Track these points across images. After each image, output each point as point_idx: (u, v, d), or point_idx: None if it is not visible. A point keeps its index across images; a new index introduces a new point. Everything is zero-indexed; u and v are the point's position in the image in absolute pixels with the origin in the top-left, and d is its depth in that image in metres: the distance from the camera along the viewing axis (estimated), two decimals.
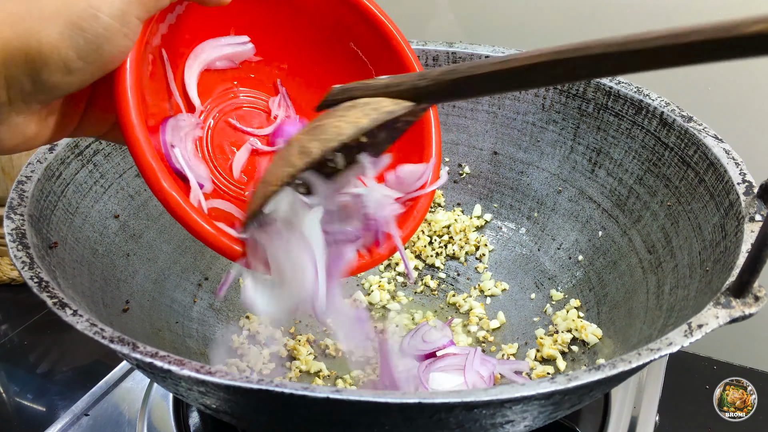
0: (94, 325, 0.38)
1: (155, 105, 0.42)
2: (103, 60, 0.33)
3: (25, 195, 0.49)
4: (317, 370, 0.59)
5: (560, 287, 0.66)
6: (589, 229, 0.65)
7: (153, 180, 0.36)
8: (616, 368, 0.36)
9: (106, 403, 0.58)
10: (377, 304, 0.67)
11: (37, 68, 0.32)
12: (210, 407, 0.42)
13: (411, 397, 0.33)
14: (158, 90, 0.42)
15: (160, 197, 0.36)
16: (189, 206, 0.37)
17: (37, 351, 0.73)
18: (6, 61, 0.31)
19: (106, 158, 0.58)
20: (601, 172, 0.64)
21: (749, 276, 0.38)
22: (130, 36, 0.34)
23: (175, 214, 0.36)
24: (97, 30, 0.32)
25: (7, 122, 0.34)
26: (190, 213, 0.37)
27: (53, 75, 0.32)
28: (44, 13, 0.31)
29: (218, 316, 0.64)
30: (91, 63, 0.33)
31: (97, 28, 0.32)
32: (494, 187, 0.72)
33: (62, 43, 0.31)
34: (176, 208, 0.36)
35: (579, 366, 0.58)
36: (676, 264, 0.53)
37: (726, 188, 0.50)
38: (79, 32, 0.32)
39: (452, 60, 0.69)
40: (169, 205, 0.36)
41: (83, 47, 0.32)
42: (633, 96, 0.61)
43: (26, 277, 0.41)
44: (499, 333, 0.64)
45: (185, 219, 0.37)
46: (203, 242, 0.38)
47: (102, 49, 0.33)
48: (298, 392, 0.33)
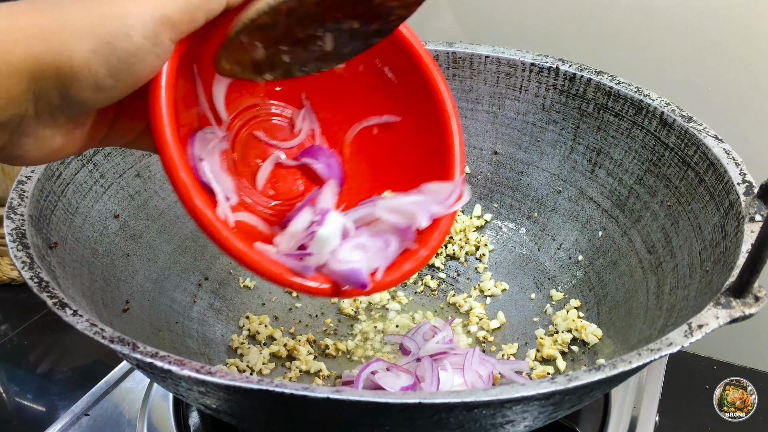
0: (94, 325, 0.38)
1: (184, 117, 0.42)
2: (134, 79, 0.33)
3: (25, 195, 0.49)
4: (317, 370, 0.59)
5: (560, 287, 0.66)
6: (589, 229, 0.65)
7: (189, 202, 0.35)
8: (616, 368, 0.36)
9: (106, 403, 0.58)
10: (377, 304, 0.67)
11: (66, 84, 0.31)
12: (210, 407, 0.42)
13: (411, 397, 0.33)
14: (187, 102, 0.42)
15: (199, 222, 0.36)
16: (228, 232, 0.37)
17: (37, 351, 0.73)
18: (36, 75, 0.31)
19: (106, 158, 0.58)
20: (601, 172, 0.64)
21: (749, 276, 0.38)
22: (162, 56, 0.34)
23: (212, 237, 0.36)
24: (129, 49, 0.32)
25: (34, 135, 0.34)
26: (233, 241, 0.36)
27: (83, 91, 0.32)
28: (77, 29, 0.31)
29: (218, 316, 0.64)
30: (122, 81, 0.33)
31: (129, 47, 0.32)
32: (494, 187, 0.72)
33: (94, 61, 0.31)
34: (214, 233, 0.36)
35: (579, 366, 0.58)
36: (676, 264, 0.53)
37: (726, 188, 0.50)
38: (111, 50, 0.31)
39: (452, 60, 0.69)
40: (205, 229, 0.36)
41: (114, 65, 0.32)
42: (633, 96, 0.61)
43: (26, 277, 0.41)
44: (499, 333, 0.64)
45: (225, 244, 0.36)
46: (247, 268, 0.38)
47: (133, 68, 0.33)
48: (298, 392, 0.33)
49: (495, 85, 0.69)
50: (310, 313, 0.67)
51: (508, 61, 0.68)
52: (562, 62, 0.65)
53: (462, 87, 0.70)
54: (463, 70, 0.69)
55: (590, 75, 0.64)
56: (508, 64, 0.68)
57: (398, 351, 0.62)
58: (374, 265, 0.41)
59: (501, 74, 0.68)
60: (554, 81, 0.66)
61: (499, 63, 0.68)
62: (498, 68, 0.68)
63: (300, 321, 0.66)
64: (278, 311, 0.66)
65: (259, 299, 0.67)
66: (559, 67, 0.65)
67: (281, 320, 0.66)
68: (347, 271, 0.40)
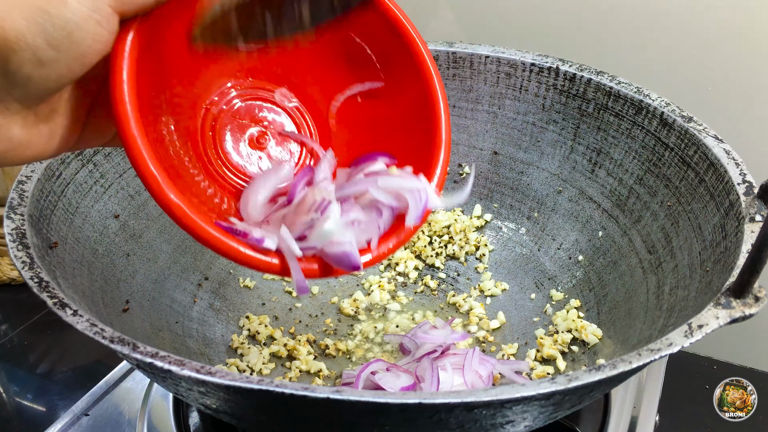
0: (94, 325, 0.38)
1: (154, 103, 0.42)
2: (77, 50, 0.32)
3: (25, 195, 0.49)
4: (317, 370, 0.59)
5: (560, 287, 0.66)
6: (589, 229, 0.65)
7: (156, 189, 0.35)
8: (616, 368, 0.36)
9: (106, 403, 0.58)
10: (377, 304, 0.67)
11: (3, 57, 0.30)
12: (210, 407, 0.42)
13: (411, 397, 0.33)
14: (157, 88, 0.42)
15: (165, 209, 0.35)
16: (198, 216, 0.36)
17: (37, 351, 0.73)
18: None
19: (106, 158, 0.58)
20: (601, 172, 0.64)
21: (749, 276, 0.38)
22: (103, 24, 0.32)
23: (183, 226, 0.36)
24: (66, 15, 0.31)
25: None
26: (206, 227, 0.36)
27: (24, 66, 0.31)
28: (9, 0, 0.30)
29: (218, 316, 0.64)
30: (64, 52, 0.31)
31: (66, 12, 0.31)
32: (494, 187, 0.72)
33: (29, 30, 0.30)
34: (183, 218, 0.35)
35: (579, 366, 0.58)
36: (676, 264, 0.53)
37: (726, 188, 0.50)
38: (46, 17, 0.30)
39: (452, 60, 0.69)
40: (174, 216, 0.35)
41: (52, 34, 0.30)
42: (633, 96, 0.61)
43: (26, 277, 0.41)
44: (499, 333, 0.64)
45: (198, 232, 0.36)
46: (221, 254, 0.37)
47: (72, 36, 0.31)
48: (298, 392, 0.33)
49: (495, 85, 0.69)
50: (310, 313, 0.67)
51: (508, 61, 0.68)
52: (562, 62, 0.65)
53: (462, 87, 0.70)
54: (463, 70, 0.69)
55: (590, 75, 0.64)
56: (508, 64, 0.68)
57: (398, 351, 0.62)
58: (367, 237, 0.41)
59: (501, 74, 0.68)
60: (554, 81, 0.66)
61: (499, 63, 0.68)
62: (498, 68, 0.68)
63: (300, 321, 0.66)
64: (278, 311, 0.66)
65: (259, 299, 0.67)
66: (559, 67, 0.65)
67: (281, 320, 0.66)
68: (339, 254, 0.39)
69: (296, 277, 0.39)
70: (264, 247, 0.38)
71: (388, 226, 0.42)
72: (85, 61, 0.33)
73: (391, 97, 0.48)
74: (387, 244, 0.42)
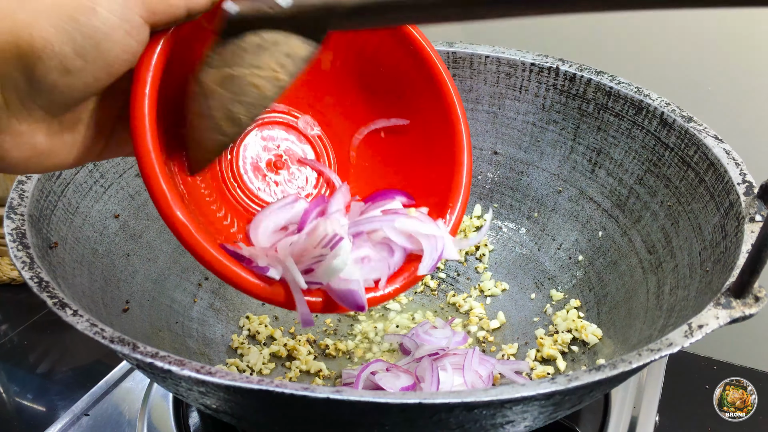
0: (94, 325, 0.38)
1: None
2: (105, 60, 0.31)
3: (25, 195, 0.49)
4: (317, 370, 0.59)
5: (560, 287, 0.66)
6: (589, 229, 0.65)
7: (165, 207, 0.35)
8: (616, 369, 0.36)
9: (106, 403, 0.58)
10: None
11: (30, 65, 0.30)
12: (210, 407, 0.42)
13: (411, 397, 0.33)
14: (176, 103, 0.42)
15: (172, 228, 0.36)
16: (204, 238, 0.36)
17: (37, 351, 0.73)
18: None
19: None
20: (601, 172, 0.64)
21: (749, 276, 0.38)
22: (132, 34, 0.32)
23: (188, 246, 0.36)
24: (95, 24, 0.30)
25: (9, 130, 0.31)
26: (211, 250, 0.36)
27: (50, 73, 0.30)
28: (39, 7, 0.29)
29: (218, 316, 0.64)
30: (92, 62, 0.31)
31: (95, 21, 0.30)
32: (494, 187, 0.72)
33: (56, 38, 0.29)
34: (188, 238, 0.36)
35: (579, 366, 0.58)
36: (676, 264, 0.53)
37: (726, 188, 0.50)
38: (75, 26, 0.30)
39: (452, 60, 0.69)
40: (180, 236, 0.36)
41: (80, 43, 0.30)
42: (633, 96, 0.61)
43: (26, 277, 0.41)
44: (499, 333, 0.64)
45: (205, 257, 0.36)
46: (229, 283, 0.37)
47: (101, 46, 0.31)
48: (298, 392, 0.33)
49: (495, 85, 0.69)
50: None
51: (508, 61, 0.68)
52: (562, 62, 0.65)
53: (462, 87, 0.70)
54: (463, 70, 0.69)
55: (590, 75, 0.64)
56: (508, 64, 0.68)
57: (398, 351, 0.62)
58: (375, 276, 0.40)
59: (501, 74, 0.68)
60: (554, 81, 0.66)
61: (499, 63, 0.68)
62: (498, 68, 0.68)
63: (300, 321, 0.65)
64: (278, 311, 0.66)
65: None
66: (559, 67, 0.65)
67: (281, 320, 0.66)
68: (345, 291, 0.39)
69: (301, 309, 0.39)
70: (268, 276, 0.38)
71: (398, 267, 0.42)
72: (112, 71, 0.32)
73: (414, 135, 0.48)
74: (394, 285, 0.42)
